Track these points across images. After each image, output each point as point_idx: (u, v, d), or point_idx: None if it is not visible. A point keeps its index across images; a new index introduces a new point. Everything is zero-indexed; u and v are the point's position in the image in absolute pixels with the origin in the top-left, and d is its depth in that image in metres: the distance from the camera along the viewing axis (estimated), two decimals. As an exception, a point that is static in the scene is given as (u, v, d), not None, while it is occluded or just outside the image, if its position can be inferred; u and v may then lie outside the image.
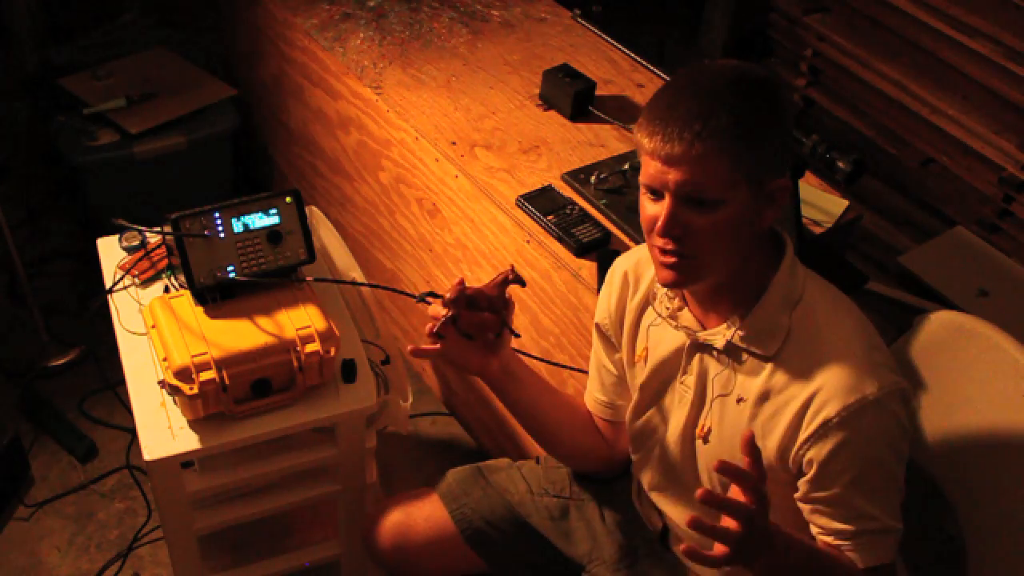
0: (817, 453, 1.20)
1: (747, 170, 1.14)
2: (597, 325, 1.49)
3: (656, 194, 1.18)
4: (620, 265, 1.45)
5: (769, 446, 1.25)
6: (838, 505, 1.21)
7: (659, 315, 1.35)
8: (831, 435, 1.19)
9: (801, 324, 1.23)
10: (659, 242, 1.19)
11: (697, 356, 1.32)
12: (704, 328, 1.30)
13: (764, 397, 1.25)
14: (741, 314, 1.25)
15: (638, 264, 1.41)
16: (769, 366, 1.24)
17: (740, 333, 1.25)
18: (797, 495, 1.25)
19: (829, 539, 1.23)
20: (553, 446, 1.56)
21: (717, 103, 1.13)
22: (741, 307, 1.25)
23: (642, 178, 1.19)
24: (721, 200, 1.15)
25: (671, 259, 1.20)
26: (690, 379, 1.33)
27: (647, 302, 1.39)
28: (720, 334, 1.27)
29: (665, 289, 1.33)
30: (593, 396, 1.55)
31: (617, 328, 1.45)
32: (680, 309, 1.32)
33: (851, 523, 1.21)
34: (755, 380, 1.25)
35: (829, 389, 1.19)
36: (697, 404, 1.33)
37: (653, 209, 1.19)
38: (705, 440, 1.33)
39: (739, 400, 1.27)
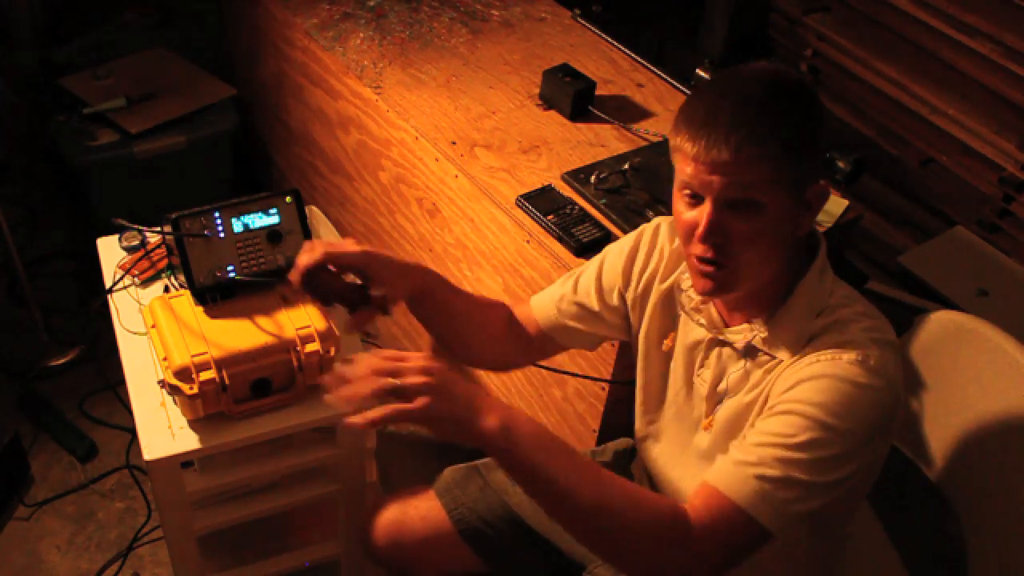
0: (773, 394, 1.17)
1: (789, 176, 1.13)
2: (619, 278, 1.42)
3: (696, 198, 1.17)
4: (665, 239, 1.39)
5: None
6: (754, 437, 1.15)
7: (682, 307, 1.34)
8: (791, 378, 1.15)
9: (823, 331, 1.21)
10: (698, 249, 1.18)
11: (716, 351, 1.31)
12: (727, 325, 1.29)
13: (773, 391, 1.24)
14: (765, 317, 1.24)
15: (677, 251, 1.38)
16: (786, 367, 1.22)
17: (762, 336, 1.24)
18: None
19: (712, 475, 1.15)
20: (461, 352, 1.50)
21: (760, 109, 1.12)
22: (767, 309, 1.24)
23: (682, 181, 1.17)
24: (764, 205, 1.13)
25: (710, 268, 1.18)
26: (707, 373, 1.32)
27: (673, 291, 1.37)
28: (742, 334, 1.26)
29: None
30: (549, 308, 1.48)
31: (640, 299, 1.41)
32: (705, 303, 1.31)
33: (748, 453, 1.13)
34: (768, 379, 1.24)
35: (819, 356, 1.16)
36: (711, 399, 1.33)
37: (691, 214, 1.17)
38: (707, 429, 1.33)
39: (750, 398, 1.27)
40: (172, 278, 1.79)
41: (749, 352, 1.27)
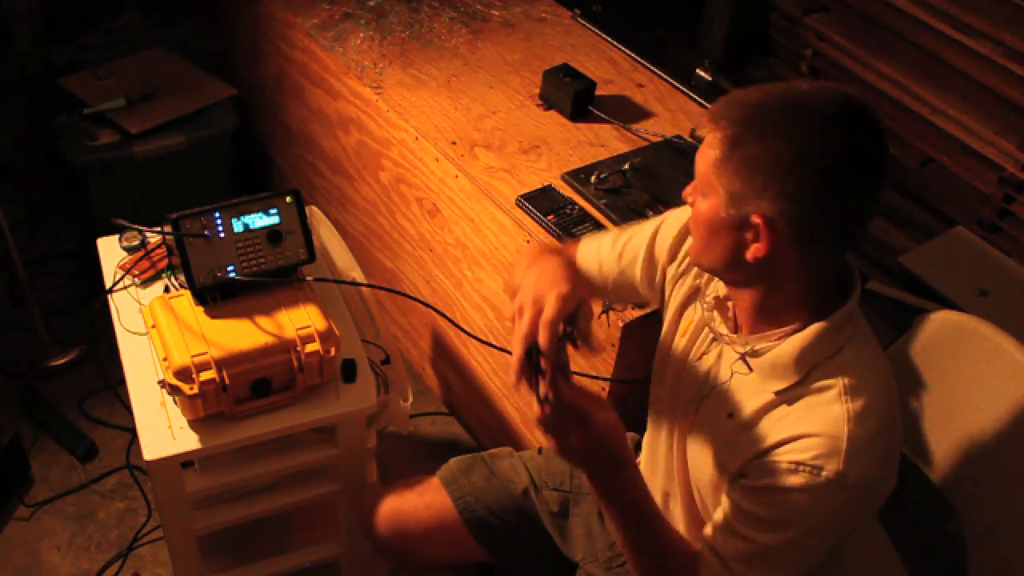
0: (753, 479, 1.17)
1: (726, 183, 1.12)
2: (665, 253, 1.41)
3: None
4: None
5: (732, 465, 1.22)
6: (730, 524, 1.20)
7: (703, 300, 1.32)
8: (769, 473, 1.15)
9: (818, 380, 1.17)
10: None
11: (720, 348, 1.28)
12: (737, 331, 1.25)
13: (752, 423, 1.21)
14: (770, 340, 1.20)
15: None
16: (771, 397, 1.20)
17: (753, 358, 1.21)
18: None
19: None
20: None
21: (748, 116, 1.10)
22: (774, 333, 1.20)
23: None
24: (705, 196, 1.16)
25: None
26: (703, 364, 1.30)
27: (697, 289, 1.36)
28: (739, 343, 1.23)
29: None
30: (591, 263, 1.49)
31: (678, 276, 1.39)
32: (727, 300, 1.28)
33: (725, 545, 1.20)
34: (751, 403, 1.22)
35: (803, 442, 1.14)
36: (698, 395, 1.30)
37: None
38: (690, 431, 1.31)
39: (729, 415, 1.24)
40: (172, 278, 1.79)
41: (738, 367, 1.25)
